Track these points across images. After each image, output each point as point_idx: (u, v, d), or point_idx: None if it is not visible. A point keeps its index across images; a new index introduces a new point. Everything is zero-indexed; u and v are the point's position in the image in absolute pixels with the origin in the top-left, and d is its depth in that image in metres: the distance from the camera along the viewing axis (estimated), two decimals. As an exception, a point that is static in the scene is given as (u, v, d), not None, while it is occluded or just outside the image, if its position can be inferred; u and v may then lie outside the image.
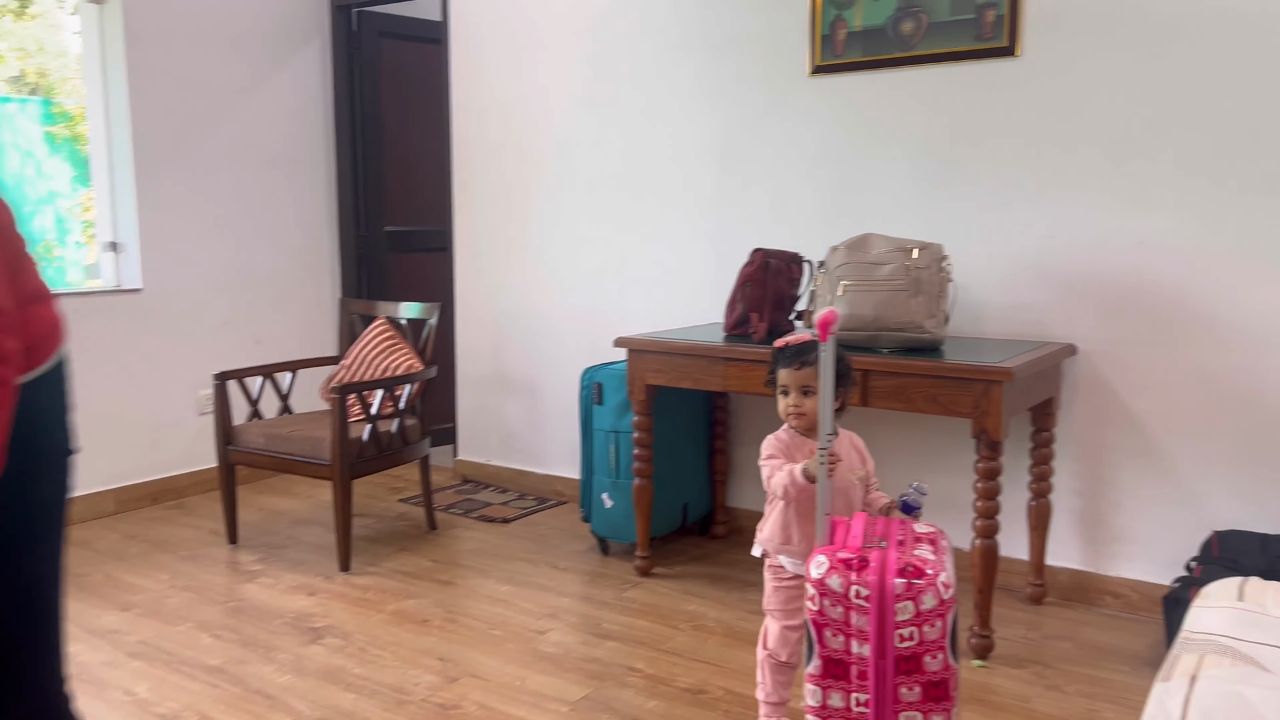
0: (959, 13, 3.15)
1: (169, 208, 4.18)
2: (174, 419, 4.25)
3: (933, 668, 1.81)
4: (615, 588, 3.26)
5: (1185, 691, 1.24)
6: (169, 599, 3.16)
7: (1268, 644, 1.38)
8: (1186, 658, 1.34)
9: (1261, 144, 2.75)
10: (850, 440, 2.23)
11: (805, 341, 2.16)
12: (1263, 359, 2.80)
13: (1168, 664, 1.36)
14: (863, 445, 2.26)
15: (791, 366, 2.14)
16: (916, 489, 2.07)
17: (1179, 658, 1.36)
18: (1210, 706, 1.19)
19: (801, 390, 2.14)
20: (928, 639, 1.80)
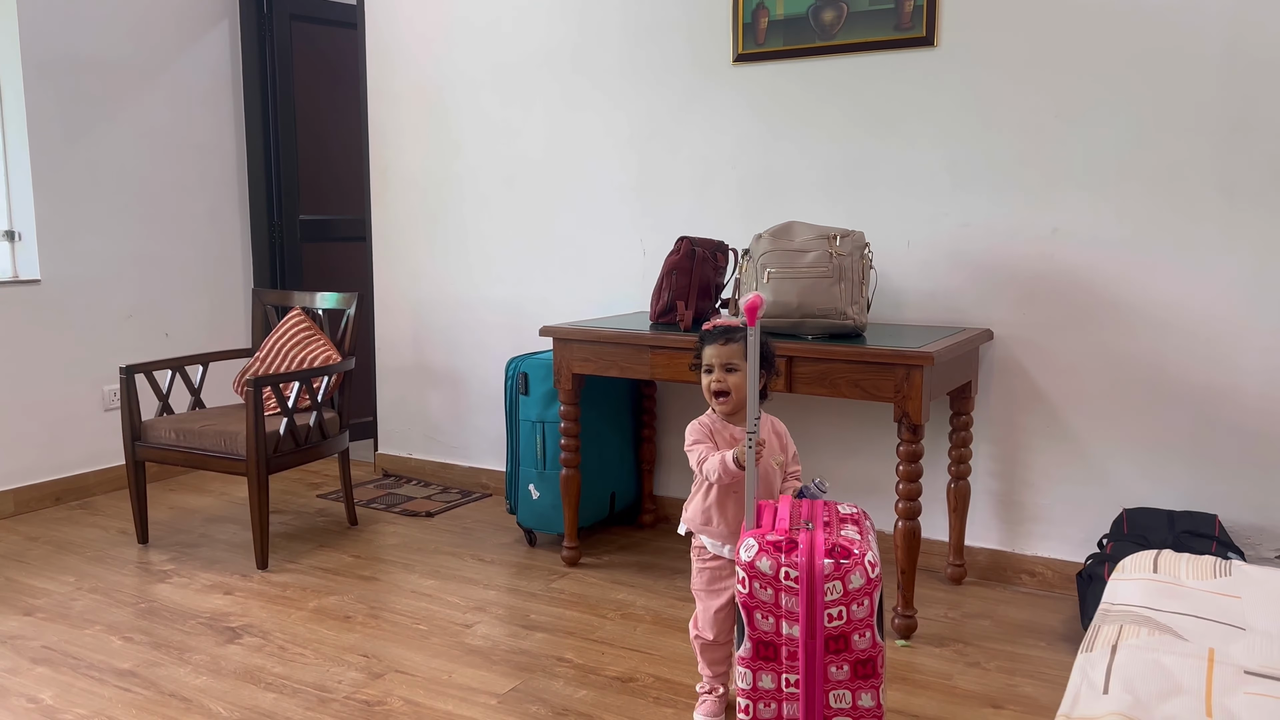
0: (879, 3, 3.19)
1: (68, 195, 4.00)
2: (77, 415, 4.07)
3: (861, 646, 1.84)
4: (543, 579, 3.23)
5: (1107, 660, 1.28)
6: (75, 602, 3.03)
7: (1182, 613, 1.42)
8: (1107, 628, 1.38)
9: (1166, 135, 2.85)
10: (772, 425, 2.26)
11: (733, 324, 2.20)
12: (1165, 342, 2.90)
13: (1089, 634, 1.40)
14: (784, 431, 2.29)
15: (716, 343, 2.18)
16: (818, 485, 2.10)
17: (1100, 628, 1.40)
18: (1131, 674, 1.22)
19: (724, 367, 2.17)
20: (855, 618, 1.83)
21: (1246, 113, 2.74)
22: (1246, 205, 2.77)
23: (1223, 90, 2.77)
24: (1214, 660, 1.26)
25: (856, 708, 1.85)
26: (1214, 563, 1.62)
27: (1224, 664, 1.25)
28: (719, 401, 2.19)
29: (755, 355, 1.96)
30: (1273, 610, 1.43)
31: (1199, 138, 2.81)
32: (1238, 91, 2.75)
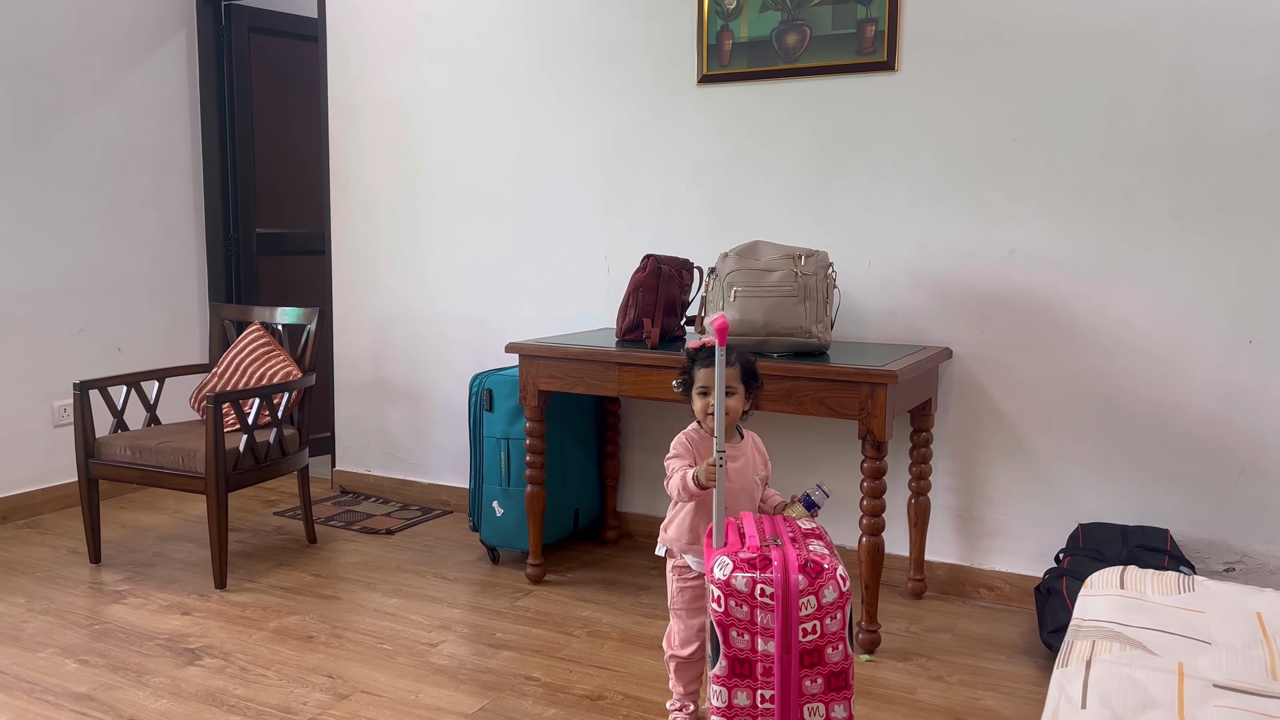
0: (840, 27, 3.25)
1: (17, 208, 3.91)
2: (25, 432, 3.97)
3: (834, 659, 1.86)
4: (507, 596, 3.22)
5: (1083, 676, 1.31)
6: (26, 624, 2.95)
7: (1150, 628, 1.47)
8: (1080, 643, 1.42)
9: (1118, 160, 2.94)
10: (753, 441, 2.29)
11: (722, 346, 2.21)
12: (1117, 361, 2.99)
13: (1064, 650, 1.44)
14: (763, 446, 2.34)
15: (709, 365, 2.15)
16: (821, 489, 2.12)
17: (1073, 644, 1.43)
18: (1107, 689, 1.26)
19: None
20: (829, 631, 1.86)
21: (1195, 139, 2.84)
22: (1196, 228, 2.87)
23: (1172, 117, 2.86)
24: (1184, 674, 1.30)
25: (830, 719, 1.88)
26: (1177, 578, 1.68)
27: (1193, 678, 1.29)
28: (712, 421, 2.17)
29: (721, 376, 2.00)
30: (1234, 624, 1.48)
31: (1149, 163, 2.90)
32: (1186, 119, 2.85)
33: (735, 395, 2.18)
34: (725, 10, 3.41)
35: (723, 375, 1.99)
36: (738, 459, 2.22)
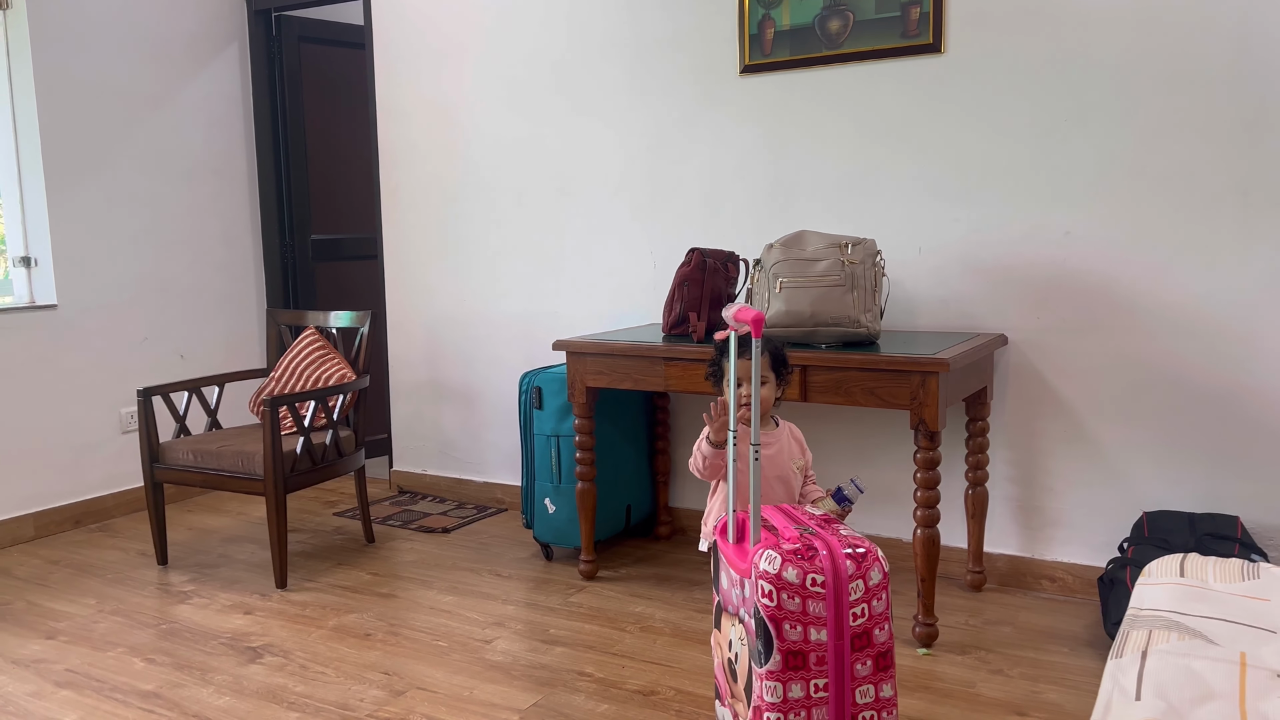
0: (884, 11, 3.19)
1: (83, 220, 4.03)
2: (95, 439, 4.10)
3: (880, 639, 1.86)
4: (561, 593, 3.23)
5: (1138, 666, 1.27)
6: (97, 624, 3.04)
7: (1211, 617, 1.41)
8: (1136, 634, 1.37)
9: (1177, 136, 2.84)
10: (790, 431, 2.29)
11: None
12: (1182, 344, 2.89)
13: (1119, 640, 1.39)
14: (801, 436, 2.32)
15: (745, 356, 2.16)
16: (855, 484, 2.12)
17: (1129, 634, 1.39)
18: (1163, 680, 1.21)
19: None
20: (876, 613, 1.86)
21: (1259, 112, 2.74)
22: (1263, 204, 2.76)
23: (1233, 90, 2.76)
24: (1246, 664, 1.25)
25: (879, 700, 1.87)
26: (1241, 565, 1.62)
27: (1256, 668, 1.24)
28: (749, 411, 2.18)
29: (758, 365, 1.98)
30: (1302, 612, 1.42)
31: (1211, 138, 2.80)
32: (1249, 91, 2.74)
33: (766, 384, 2.18)
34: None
35: (759, 365, 1.97)
36: (771, 446, 2.22)
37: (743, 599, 1.92)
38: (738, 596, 1.96)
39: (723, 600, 2.07)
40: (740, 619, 1.94)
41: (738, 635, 1.96)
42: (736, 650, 1.97)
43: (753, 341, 1.92)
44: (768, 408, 2.21)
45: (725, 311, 1.99)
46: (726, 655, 2.04)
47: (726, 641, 2.04)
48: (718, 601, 2.11)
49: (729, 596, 2.03)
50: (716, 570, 2.11)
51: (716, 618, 2.12)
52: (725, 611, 2.06)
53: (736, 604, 1.97)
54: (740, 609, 1.94)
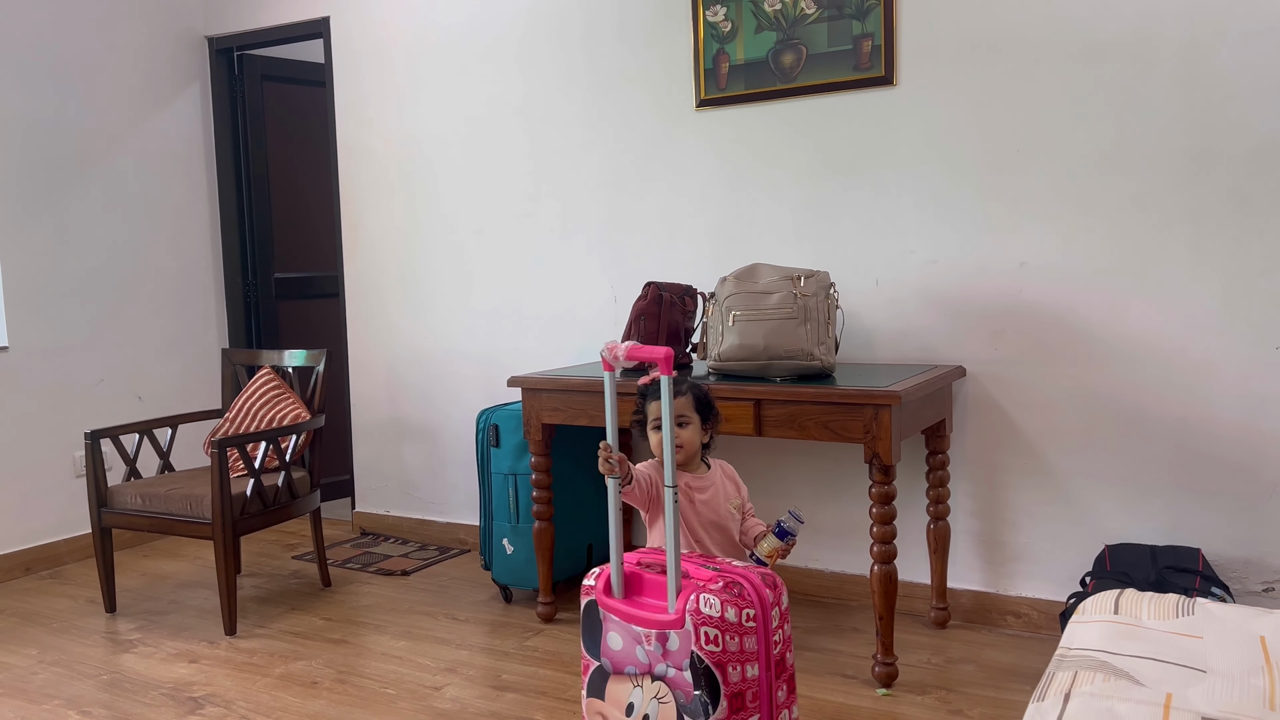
0: (837, 44, 3.19)
1: (36, 260, 3.98)
2: (47, 483, 4.01)
3: (790, 662, 1.86)
4: (517, 636, 3.15)
5: (1058, 710, 1.21)
6: (36, 675, 2.94)
7: (1141, 656, 1.36)
8: (1061, 675, 1.32)
9: (1127, 165, 2.83)
10: (722, 470, 2.23)
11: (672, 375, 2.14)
12: (1137, 374, 2.86)
13: (1043, 683, 1.33)
14: (734, 473, 2.27)
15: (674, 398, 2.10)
16: (794, 515, 2.06)
17: (1054, 675, 1.33)
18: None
19: (676, 420, 2.11)
20: (786, 637, 1.87)
21: (1206, 142, 2.73)
22: (1212, 233, 2.74)
23: (1181, 120, 2.75)
24: (1170, 706, 1.19)
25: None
26: (1177, 601, 1.56)
27: (1181, 710, 1.18)
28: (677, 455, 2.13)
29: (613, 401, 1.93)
30: (1234, 650, 1.36)
31: (1160, 168, 2.79)
32: (1195, 121, 2.73)
33: (690, 425, 2.12)
34: (721, 34, 3.37)
35: (670, 406, 1.84)
36: (705, 490, 2.13)
37: (659, 654, 1.81)
38: (645, 653, 1.83)
39: (611, 664, 1.90)
40: (655, 676, 1.82)
41: (649, 695, 1.83)
42: (648, 711, 1.83)
43: (662, 380, 1.84)
44: (693, 451, 2.15)
45: (605, 350, 1.87)
46: None
47: (624, 707, 1.88)
48: (596, 667, 1.92)
49: (626, 657, 1.87)
50: (596, 632, 1.92)
51: (595, 685, 1.93)
52: (618, 675, 1.89)
53: (645, 662, 1.83)
54: (654, 666, 1.82)
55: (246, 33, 4.50)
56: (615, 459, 1.92)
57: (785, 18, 3.26)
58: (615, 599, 1.89)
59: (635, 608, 1.86)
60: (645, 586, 1.89)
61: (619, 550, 1.90)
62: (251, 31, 4.48)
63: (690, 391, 2.17)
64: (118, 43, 4.24)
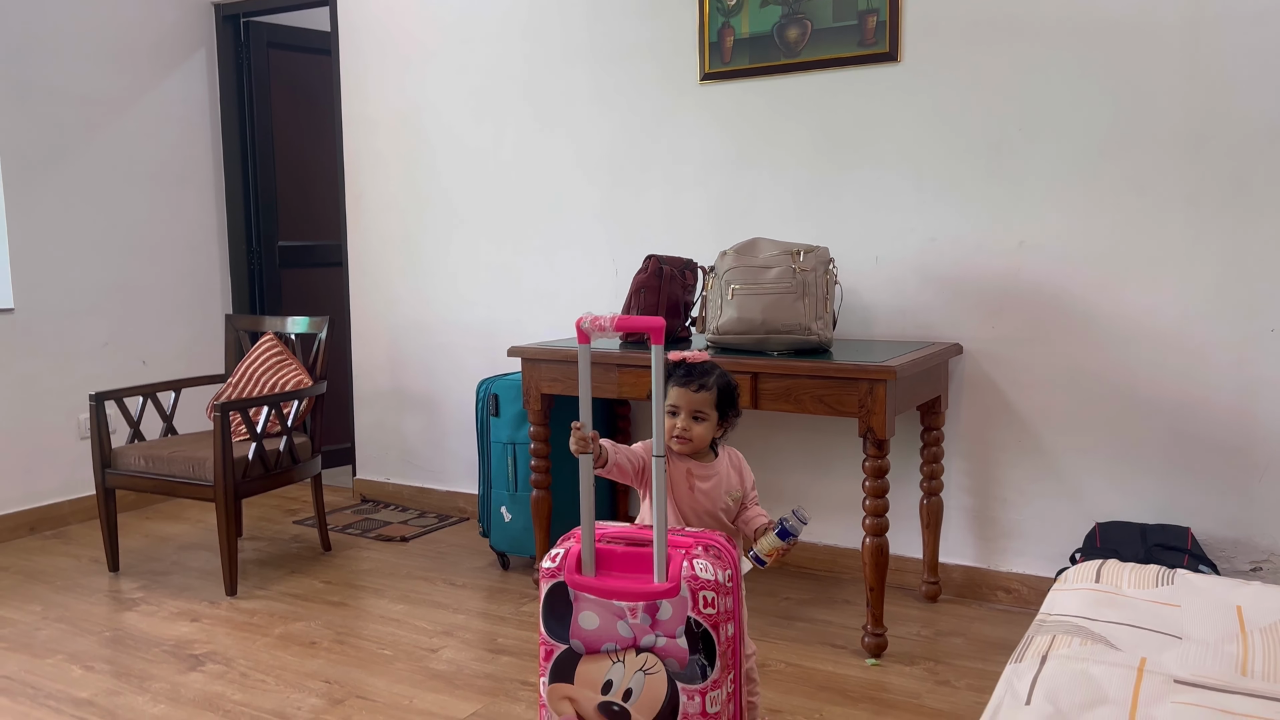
0: (842, 19, 3.19)
1: (42, 224, 4.00)
2: (52, 444, 4.06)
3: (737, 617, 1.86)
4: (514, 602, 3.19)
5: (1034, 671, 1.24)
6: (39, 631, 3.00)
7: (1119, 623, 1.39)
8: (1039, 639, 1.35)
9: (1128, 146, 2.84)
10: (729, 459, 2.14)
11: (705, 362, 2.06)
12: (1132, 354, 2.88)
13: (1021, 645, 1.37)
14: (742, 463, 2.16)
15: (688, 387, 2.02)
16: (798, 515, 2.00)
17: (1032, 639, 1.36)
18: (1056, 685, 1.19)
19: (692, 414, 2.03)
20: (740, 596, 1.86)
21: (1206, 124, 2.73)
22: (1211, 216, 2.76)
23: (1183, 101, 2.76)
24: (1144, 670, 1.22)
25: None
26: (1157, 571, 1.59)
27: (1154, 673, 1.21)
28: (678, 443, 2.05)
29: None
30: (1211, 618, 1.39)
31: (1161, 149, 2.80)
32: (1197, 102, 2.74)
33: (706, 422, 2.03)
34: (726, 7, 3.37)
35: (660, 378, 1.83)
36: (708, 479, 2.08)
37: (647, 626, 1.79)
38: (629, 627, 1.81)
39: (585, 644, 1.84)
40: (641, 649, 1.81)
41: (633, 669, 1.81)
42: (631, 685, 1.82)
43: (653, 350, 1.84)
44: (702, 445, 2.05)
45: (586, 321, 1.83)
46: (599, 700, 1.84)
47: (598, 686, 1.84)
48: (564, 651, 1.85)
49: (603, 635, 1.83)
50: (564, 614, 1.86)
51: (562, 670, 1.86)
52: (592, 654, 1.84)
53: (629, 636, 1.81)
54: (640, 638, 1.80)
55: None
56: (588, 436, 1.87)
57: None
58: (588, 577, 1.84)
59: (613, 582, 1.82)
60: (606, 561, 1.85)
61: (590, 529, 1.85)
62: (258, -2, 4.48)
63: (716, 385, 2.05)
64: (126, 8, 4.24)
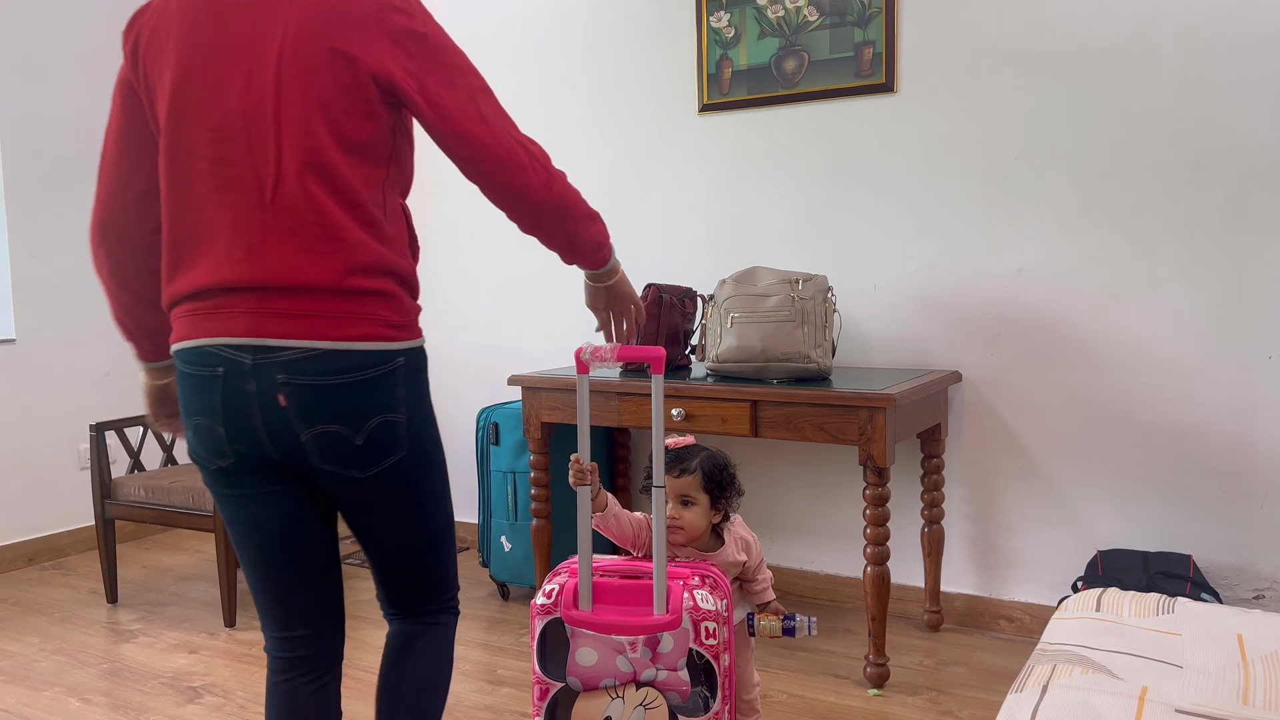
0: (838, 51, 3.22)
1: (43, 254, 4.03)
2: (52, 475, 4.05)
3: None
4: (514, 633, 3.18)
5: (1035, 701, 1.24)
6: (37, 663, 2.98)
7: (1120, 652, 1.39)
8: (1040, 668, 1.34)
9: (1124, 172, 2.86)
10: (734, 542, 2.01)
11: (688, 445, 1.98)
12: (1133, 380, 2.88)
13: (1022, 675, 1.36)
14: (751, 544, 2.04)
15: (670, 474, 1.92)
16: (809, 626, 1.97)
17: (1033, 668, 1.36)
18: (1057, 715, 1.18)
19: (680, 500, 1.93)
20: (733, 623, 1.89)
21: (1201, 150, 2.76)
22: (1207, 241, 2.77)
23: (1177, 128, 2.78)
24: (1145, 699, 1.22)
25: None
26: (1158, 600, 1.59)
27: (1155, 702, 1.21)
28: (673, 534, 1.94)
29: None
30: (1212, 647, 1.39)
31: (1157, 176, 2.82)
32: (1192, 129, 2.76)
33: (696, 506, 1.91)
34: (724, 39, 3.41)
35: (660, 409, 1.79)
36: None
37: (647, 660, 1.78)
38: (629, 662, 1.80)
39: (582, 681, 1.83)
40: (641, 683, 1.80)
41: (633, 704, 1.80)
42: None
43: (653, 380, 1.84)
44: (696, 534, 1.94)
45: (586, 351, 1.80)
46: None
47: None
48: (560, 689, 1.83)
49: (602, 671, 1.81)
50: (560, 651, 1.83)
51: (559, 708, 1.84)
52: (591, 691, 1.82)
53: (629, 671, 1.80)
54: (640, 672, 1.79)
55: (256, 32, 4.54)
56: (586, 468, 1.84)
57: (788, 24, 3.29)
58: (585, 612, 1.81)
59: (611, 616, 1.80)
60: (601, 595, 1.82)
61: (588, 562, 1.83)
62: (261, 31, 4.52)
63: (700, 468, 1.92)
64: (129, 41, 4.29)
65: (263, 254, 1.39)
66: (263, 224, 1.39)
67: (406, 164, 1.57)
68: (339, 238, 1.40)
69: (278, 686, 1.62)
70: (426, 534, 1.62)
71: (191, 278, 1.43)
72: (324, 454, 1.44)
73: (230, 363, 1.40)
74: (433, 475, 1.60)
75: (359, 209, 1.43)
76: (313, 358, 1.39)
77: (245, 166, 1.39)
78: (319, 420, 1.41)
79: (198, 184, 1.42)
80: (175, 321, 1.48)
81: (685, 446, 1.99)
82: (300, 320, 1.39)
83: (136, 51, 1.49)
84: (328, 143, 1.39)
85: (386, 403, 1.45)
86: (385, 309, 1.46)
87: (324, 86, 1.38)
